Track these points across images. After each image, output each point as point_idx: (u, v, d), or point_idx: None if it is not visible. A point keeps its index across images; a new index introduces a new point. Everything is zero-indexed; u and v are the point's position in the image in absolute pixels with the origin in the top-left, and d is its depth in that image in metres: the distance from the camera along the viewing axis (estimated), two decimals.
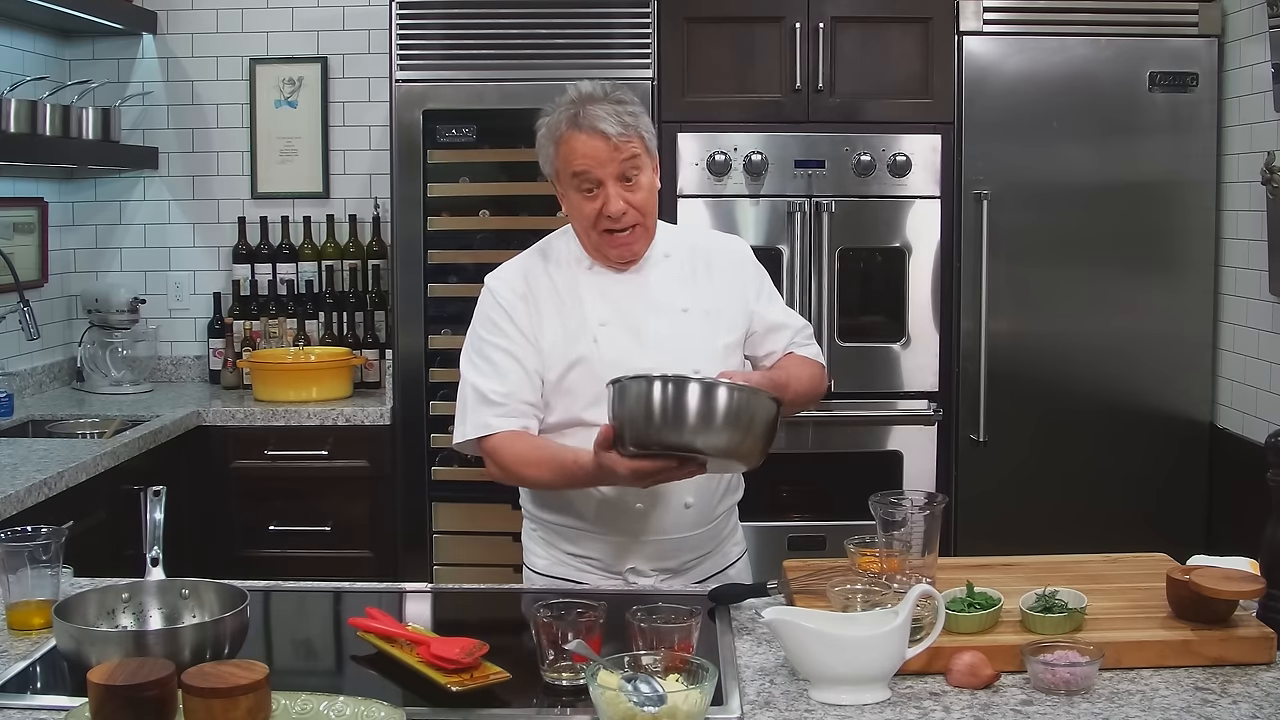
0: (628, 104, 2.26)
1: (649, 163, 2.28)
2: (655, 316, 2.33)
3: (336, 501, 3.95)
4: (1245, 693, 1.69)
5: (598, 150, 2.21)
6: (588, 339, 2.31)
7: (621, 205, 2.24)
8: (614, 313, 2.33)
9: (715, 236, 2.59)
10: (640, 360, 2.26)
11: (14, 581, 1.95)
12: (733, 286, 2.40)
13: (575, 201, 2.28)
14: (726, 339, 2.36)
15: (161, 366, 4.57)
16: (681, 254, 2.39)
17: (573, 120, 2.23)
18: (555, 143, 2.26)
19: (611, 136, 2.20)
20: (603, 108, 2.22)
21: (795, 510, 3.96)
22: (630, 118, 2.24)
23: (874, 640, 1.68)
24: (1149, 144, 3.86)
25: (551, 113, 2.28)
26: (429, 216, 3.90)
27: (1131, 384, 3.90)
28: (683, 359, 2.27)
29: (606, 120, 2.20)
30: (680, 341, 2.31)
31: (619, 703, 1.50)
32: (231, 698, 1.41)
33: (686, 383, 1.99)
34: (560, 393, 2.33)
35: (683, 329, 2.32)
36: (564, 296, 2.34)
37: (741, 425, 1.98)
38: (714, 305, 2.36)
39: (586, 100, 2.24)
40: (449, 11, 3.89)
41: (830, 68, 3.84)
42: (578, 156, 2.23)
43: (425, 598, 2.36)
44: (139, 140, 4.49)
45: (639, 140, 2.25)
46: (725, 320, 2.37)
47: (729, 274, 2.40)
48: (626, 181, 2.25)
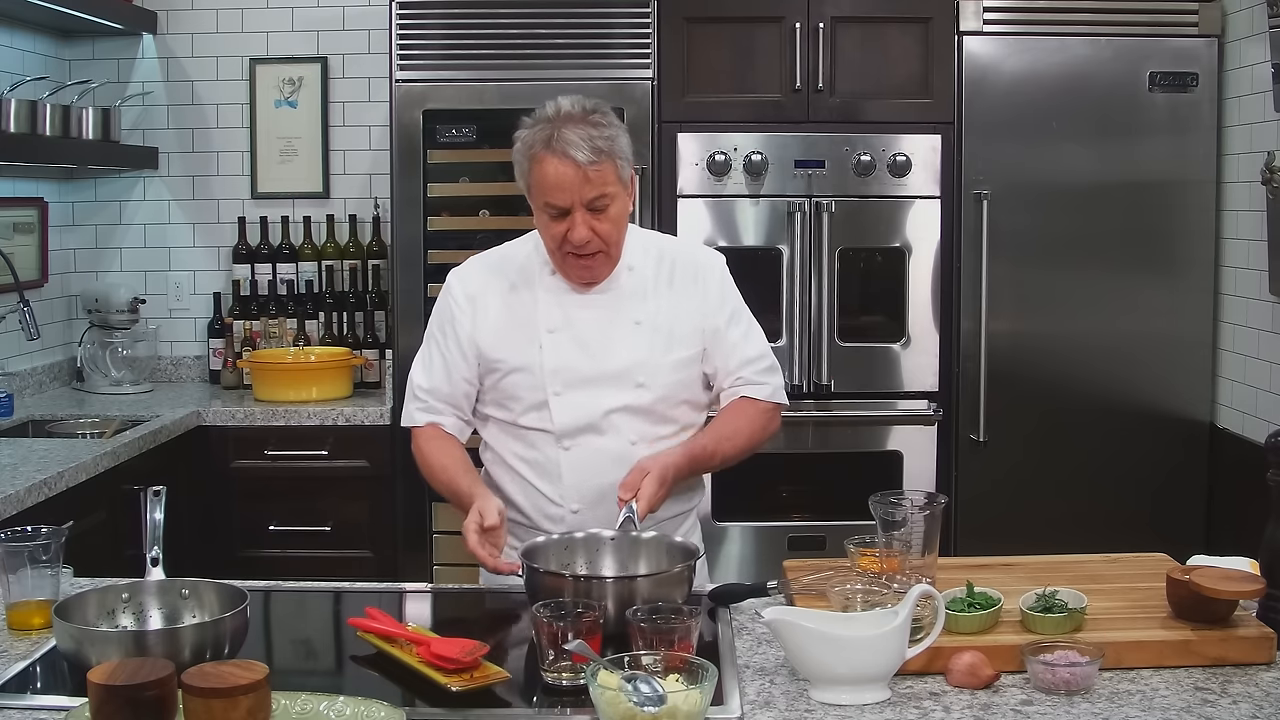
0: (605, 127, 2.23)
1: (621, 191, 2.26)
2: (606, 328, 2.32)
3: (336, 501, 3.95)
4: (1245, 693, 1.69)
5: (567, 177, 2.19)
6: (534, 345, 2.32)
7: (586, 234, 2.23)
8: (564, 321, 2.33)
9: (686, 249, 2.53)
10: (584, 370, 2.26)
11: (14, 581, 1.95)
12: (692, 301, 2.38)
13: (544, 221, 2.28)
14: (679, 354, 2.35)
15: (161, 366, 4.57)
16: (647, 267, 2.38)
17: (546, 141, 2.21)
18: (529, 159, 2.25)
19: (582, 164, 2.18)
20: (578, 131, 2.19)
21: (795, 510, 3.96)
22: (604, 142, 2.21)
23: (874, 640, 1.68)
24: (1149, 144, 3.86)
25: (529, 128, 2.26)
26: (429, 216, 3.90)
27: (1131, 384, 3.90)
28: (627, 373, 2.30)
29: (579, 146, 2.18)
30: (629, 354, 2.31)
31: (619, 703, 1.50)
32: (231, 698, 1.41)
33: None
34: (500, 394, 2.35)
35: (633, 342, 2.32)
36: (519, 298, 2.36)
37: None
38: (669, 320, 2.35)
39: (564, 121, 2.21)
40: (449, 11, 3.89)
41: (830, 68, 3.84)
42: (548, 182, 2.21)
43: (425, 598, 2.36)
44: (139, 140, 4.49)
45: (611, 167, 2.22)
46: (679, 335, 2.35)
47: (690, 288, 2.38)
48: (594, 211, 2.23)
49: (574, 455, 2.30)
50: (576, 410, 2.30)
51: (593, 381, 2.30)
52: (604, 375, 2.30)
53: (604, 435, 2.30)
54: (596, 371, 2.30)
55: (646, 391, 2.32)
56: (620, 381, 2.31)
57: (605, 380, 2.31)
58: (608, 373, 2.31)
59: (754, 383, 2.40)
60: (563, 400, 2.30)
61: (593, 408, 2.30)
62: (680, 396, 2.37)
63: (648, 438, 2.31)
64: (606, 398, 2.30)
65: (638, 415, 2.32)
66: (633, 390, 2.31)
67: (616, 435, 2.30)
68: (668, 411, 2.35)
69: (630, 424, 2.31)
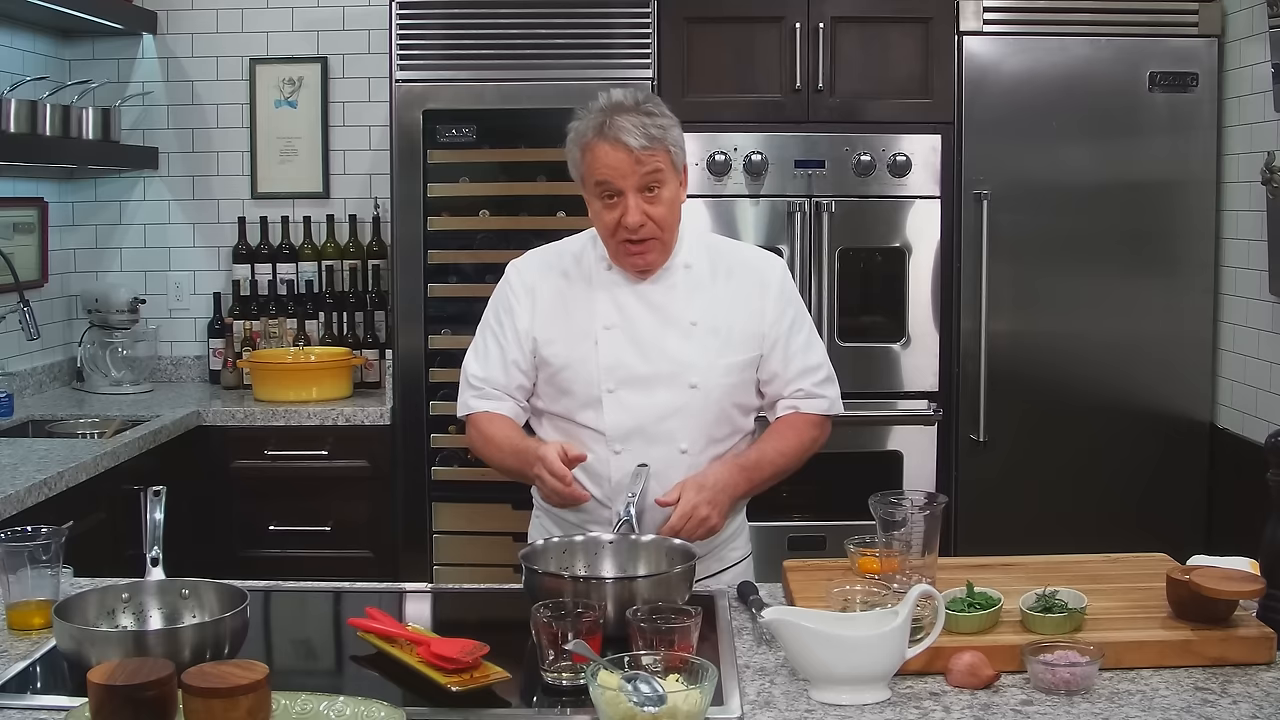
0: (657, 116, 2.25)
1: (674, 177, 2.28)
2: (662, 327, 2.32)
3: (336, 501, 3.95)
4: (1245, 693, 1.69)
5: (620, 161, 2.21)
6: (589, 340, 2.32)
7: (639, 217, 2.24)
8: (621, 318, 2.33)
9: (746, 252, 2.52)
10: (638, 368, 2.27)
11: (14, 581, 1.95)
12: (750, 305, 2.37)
13: (597, 209, 2.29)
14: (732, 358, 2.34)
15: (161, 366, 4.57)
16: (703, 266, 2.38)
17: (599, 129, 2.23)
18: (581, 149, 2.27)
19: (634, 149, 2.20)
20: (630, 119, 2.21)
21: (795, 510, 3.95)
22: (658, 130, 2.23)
23: (874, 640, 1.68)
24: (1149, 144, 3.86)
25: (582, 119, 2.28)
26: (429, 216, 3.90)
27: (1132, 384, 3.90)
28: (681, 373, 2.30)
29: (631, 132, 2.20)
30: (682, 355, 2.31)
31: (619, 703, 1.50)
32: (231, 698, 1.41)
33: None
34: (555, 388, 2.35)
35: (687, 343, 2.32)
36: (576, 293, 2.36)
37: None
38: (725, 322, 2.34)
39: (615, 110, 2.24)
40: (449, 11, 3.89)
41: (830, 68, 3.84)
42: (600, 166, 2.23)
43: (425, 598, 2.36)
44: (139, 140, 4.49)
45: (664, 154, 2.24)
46: (734, 339, 2.34)
47: (748, 292, 2.38)
48: (648, 193, 2.24)
49: (624, 459, 2.30)
50: (629, 410, 2.29)
51: (647, 380, 2.29)
52: (658, 374, 2.30)
53: (655, 441, 2.29)
54: (651, 370, 2.29)
55: (699, 393, 2.30)
56: (674, 381, 2.30)
57: (659, 379, 2.30)
58: (662, 372, 2.30)
59: (814, 395, 2.41)
60: (615, 398, 2.29)
61: (645, 408, 2.29)
62: (733, 400, 2.35)
63: (699, 443, 2.31)
64: (659, 397, 2.30)
65: (690, 418, 2.30)
66: (686, 391, 2.30)
67: (669, 442, 2.29)
68: (720, 415, 2.33)
69: (682, 428, 2.30)
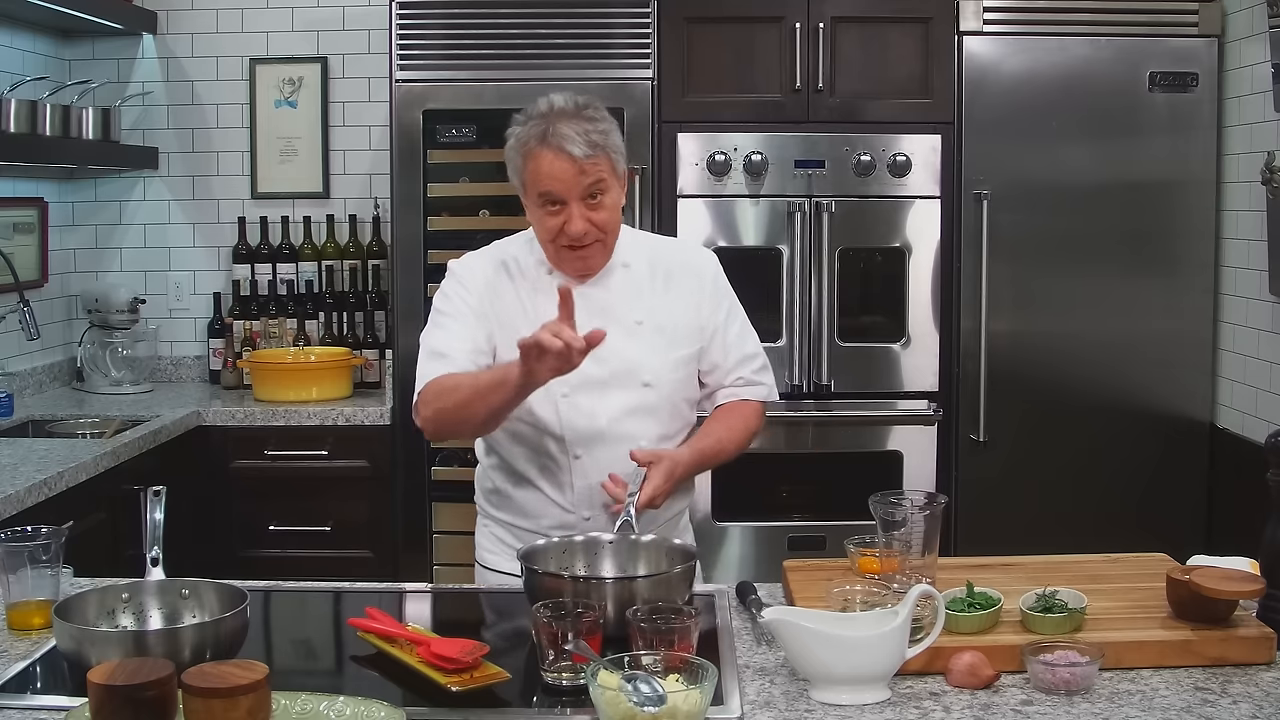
0: (598, 121, 2.24)
1: (616, 183, 2.28)
2: (609, 327, 2.32)
3: (336, 501, 3.95)
4: (1245, 693, 1.69)
5: (563, 171, 2.21)
6: None
7: (583, 226, 2.24)
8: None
9: (679, 248, 2.57)
10: (591, 370, 2.26)
11: (14, 581, 1.95)
12: (688, 300, 2.39)
13: (538, 215, 2.28)
14: (679, 353, 2.36)
15: (161, 366, 4.57)
16: (641, 264, 2.39)
17: (541, 137, 2.22)
18: (524, 156, 2.25)
19: (578, 158, 2.20)
20: (572, 126, 2.20)
21: (795, 510, 3.96)
22: (599, 136, 2.22)
23: (874, 640, 1.67)
24: (1149, 144, 3.86)
25: (522, 124, 2.27)
26: (429, 216, 3.90)
27: (1131, 384, 3.90)
28: (634, 372, 2.31)
29: (575, 141, 2.19)
30: (632, 355, 2.32)
31: (619, 703, 1.50)
32: (231, 698, 1.41)
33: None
34: None
35: (635, 342, 2.33)
36: (522, 297, 2.35)
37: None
38: (668, 319, 2.36)
39: (557, 116, 2.22)
40: (449, 11, 3.89)
41: (830, 68, 3.84)
42: (544, 177, 2.22)
43: (425, 598, 2.36)
44: (139, 140, 4.49)
45: (606, 160, 2.24)
46: (679, 334, 2.37)
47: (686, 286, 2.40)
48: (591, 200, 2.24)
49: (584, 463, 2.30)
50: (586, 414, 2.30)
51: (603, 382, 2.29)
52: (613, 375, 2.30)
53: (613, 443, 2.29)
54: (605, 372, 2.29)
55: (653, 391, 2.32)
56: (627, 381, 2.31)
57: (614, 381, 2.30)
58: (617, 372, 2.30)
59: (753, 383, 2.44)
60: (571, 402, 2.29)
61: (602, 410, 2.30)
62: (682, 394, 2.38)
63: (654, 440, 2.31)
64: (615, 399, 2.30)
65: (646, 416, 2.32)
66: (640, 390, 2.32)
67: (628, 442, 2.29)
68: (673, 410, 2.36)
69: (639, 427, 2.31)
